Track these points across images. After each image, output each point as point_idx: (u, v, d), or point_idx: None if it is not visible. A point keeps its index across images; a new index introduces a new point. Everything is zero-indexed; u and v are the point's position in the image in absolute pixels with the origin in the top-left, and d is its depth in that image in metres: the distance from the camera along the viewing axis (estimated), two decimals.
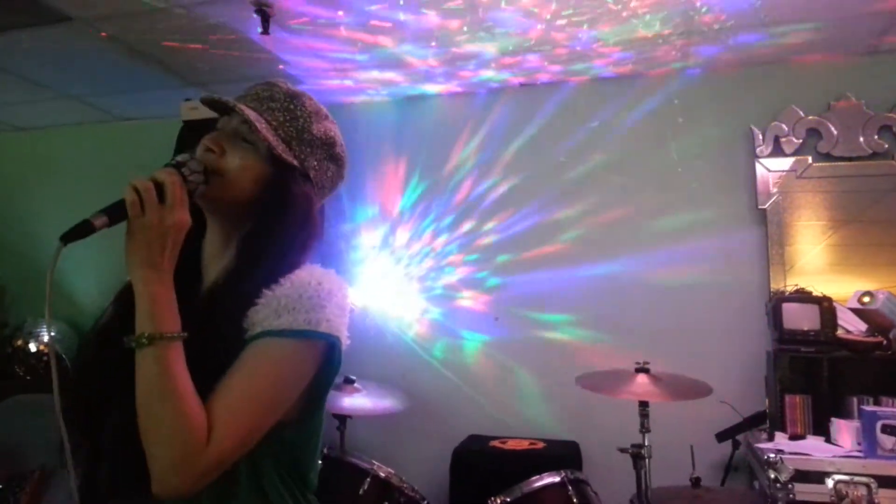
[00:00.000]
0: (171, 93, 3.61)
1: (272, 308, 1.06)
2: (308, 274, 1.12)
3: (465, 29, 2.99)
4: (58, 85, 3.71)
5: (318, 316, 1.07)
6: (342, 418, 3.00)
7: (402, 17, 2.87)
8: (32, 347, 3.84)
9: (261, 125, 1.13)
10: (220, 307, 1.09)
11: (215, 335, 1.06)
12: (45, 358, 3.71)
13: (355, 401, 2.98)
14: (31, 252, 3.87)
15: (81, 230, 1.00)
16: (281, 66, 3.45)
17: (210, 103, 1.19)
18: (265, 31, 2.84)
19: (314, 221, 1.21)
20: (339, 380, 3.07)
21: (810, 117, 3.23)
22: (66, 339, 3.69)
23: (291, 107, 1.19)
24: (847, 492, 2.32)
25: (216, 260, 1.17)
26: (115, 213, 1.01)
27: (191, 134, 3.28)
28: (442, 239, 3.75)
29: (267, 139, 1.13)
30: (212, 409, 1.00)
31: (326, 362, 1.11)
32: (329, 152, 1.24)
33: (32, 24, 2.98)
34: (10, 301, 4.40)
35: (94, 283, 3.89)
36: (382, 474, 2.44)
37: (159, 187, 1.03)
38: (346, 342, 1.14)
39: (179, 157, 1.10)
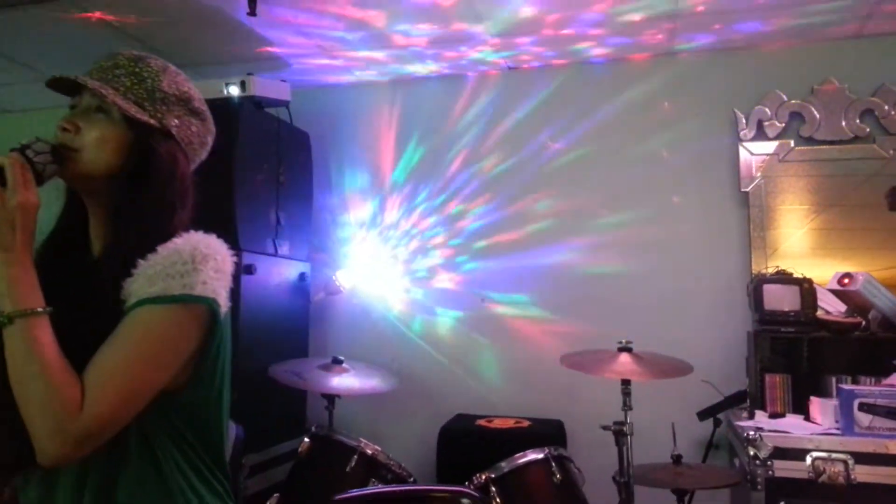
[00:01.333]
0: None
1: (147, 276, 1.07)
2: (184, 241, 1.12)
3: (455, 8, 2.99)
4: (40, 66, 3.68)
5: (192, 280, 1.08)
6: (331, 398, 3.03)
7: None
8: None
9: (107, 91, 1.14)
10: (96, 281, 1.10)
11: (91, 308, 1.07)
12: None
13: (343, 380, 3.01)
14: None
15: None
16: (268, 47, 3.44)
17: (56, 84, 1.18)
18: (252, 13, 2.84)
19: (185, 181, 1.21)
20: (326, 360, 3.11)
21: (793, 101, 3.26)
22: None
23: (137, 69, 1.19)
24: (825, 468, 2.38)
25: (99, 237, 1.19)
26: None
27: None
28: (428, 221, 3.76)
29: (116, 103, 1.13)
30: (85, 377, 1.01)
31: (208, 326, 1.12)
32: (188, 107, 1.23)
33: (15, 4, 2.95)
34: None
35: None
36: (369, 451, 2.48)
37: (1, 171, 1.03)
38: (225, 305, 1.14)
39: (24, 141, 1.11)
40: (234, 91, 3.20)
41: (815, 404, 2.66)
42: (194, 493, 1.13)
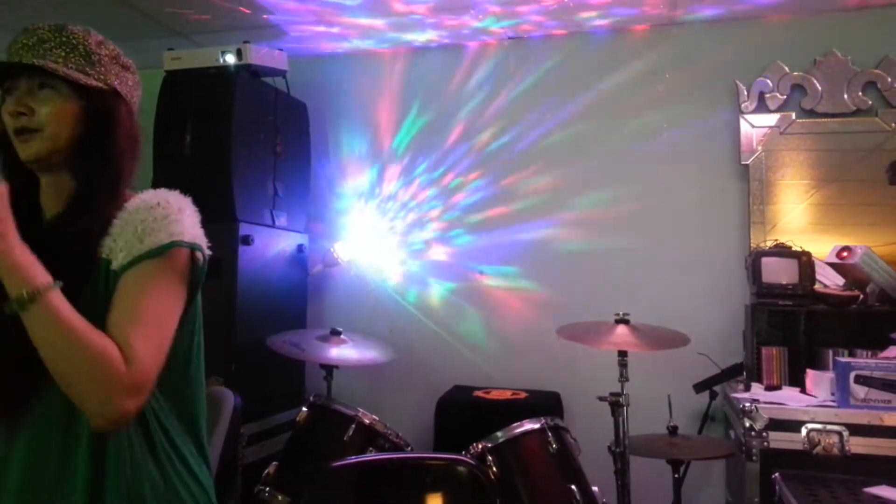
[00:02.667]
0: (154, 42, 3.54)
1: (131, 234, 1.11)
2: (153, 195, 1.17)
3: None
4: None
5: (178, 228, 1.13)
6: (329, 368, 3.04)
7: None
8: None
9: (56, 66, 1.14)
10: (69, 240, 1.11)
11: (69, 267, 1.07)
12: None
13: (342, 352, 3.01)
14: None
15: None
16: (265, 15, 3.40)
17: None
18: None
19: (137, 135, 1.25)
20: (325, 331, 3.11)
21: (795, 73, 3.23)
22: None
23: (64, 39, 1.19)
24: (820, 439, 2.39)
25: (53, 207, 1.19)
26: None
27: (173, 84, 3.24)
28: (425, 194, 3.75)
29: (69, 75, 1.14)
30: (117, 335, 1.03)
31: (192, 270, 1.17)
32: (119, 63, 1.25)
33: None
34: None
35: None
36: (367, 420, 2.49)
37: None
38: (207, 252, 1.20)
39: None
40: (231, 60, 3.17)
41: (812, 377, 2.67)
42: (178, 456, 1.15)
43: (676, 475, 2.56)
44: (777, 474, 2.28)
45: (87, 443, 1.07)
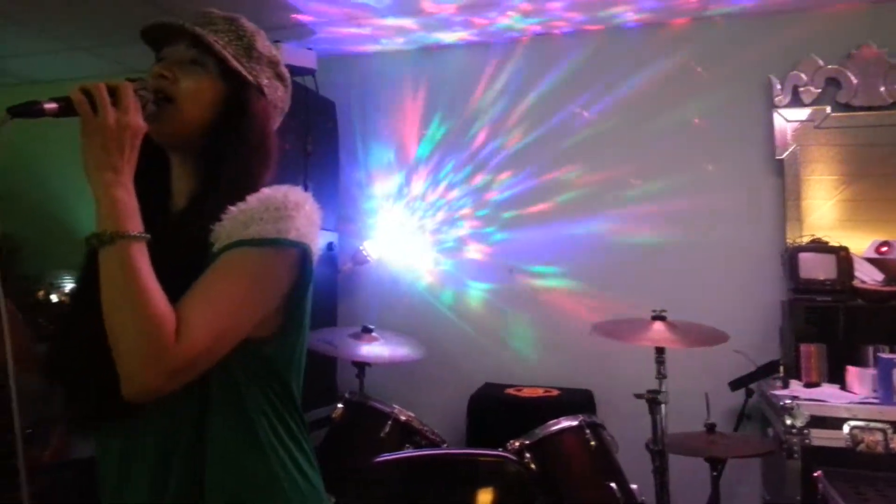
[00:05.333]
0: None
1: (239, 221, 1.06)
2: (273, 190, 1.12)
3: None
4: (68, 36, 3.68)
5: (287, 225, 1.07)
6: (361, 366, 3.04)
7: None
8: (54, 298, 3.88)
9: (216, 39, 1.14)
10: (185, 226, 1.09)
11: (179, 252, 1.06)
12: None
13: (373, 349, 3.02)
14: (47, 205, 3.87)
15: (29, 109, 0.99)
16: (294, 14, 3.41)
17: (154, 30, 1.17)
18: None
19: (273, 138, 1.22)
20: (357, 329, 3.11)
21: (830, 66, 3.19)
22: None
23: (233, 28, 1.19)
24: (863, 437, 2.36)
25: (183, 193, 1.17)
26: (68, 104, 1.00)
27: None
28: (455, 192, 3.75)
29: (222, 54, 1.13)
30: (181, 309, 0.99)
31: (300, 272, 1.11)
32: (275, 71, 1.24)
33: None
34: (30, 254, 4.44)
35: None
36: (403, 417, 2.49)
37: (111, 91, 1.01)
38: (317, 253, 1.14)
39: (131, 76, 1.10)
40: None
41: (852, 373, 2.63)
42: (284, 449, 1.12)
43: (715, 473, 2.53)
44: (820, 472, 2.25)
45: (188, 435, 1.05)
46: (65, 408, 1.11)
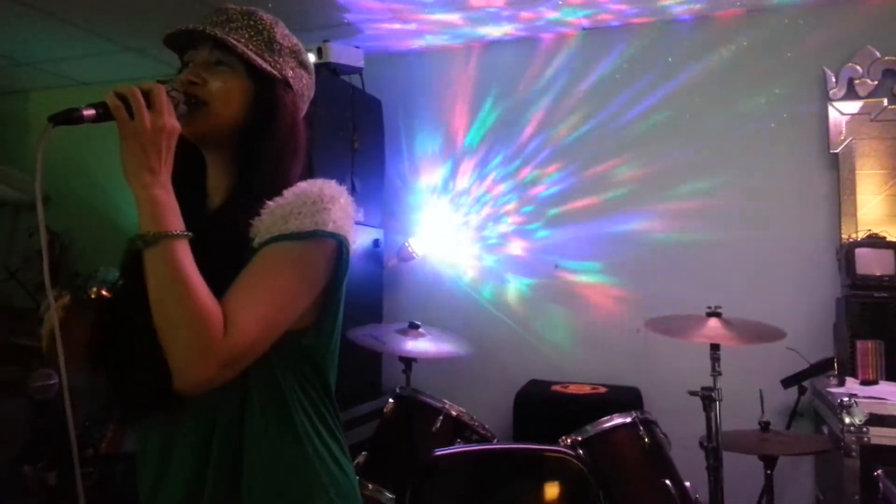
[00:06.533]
0: None
1: (278, 216, 1.09)
2: (309, 184, 1.15)
3: None
4: (118, 38, 3.76)
5: (324, 217, 1.10)
6: (408, 361, 3.06)
7: None
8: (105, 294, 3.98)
9: (238, 43, 1.15)
10: (224, 223, 1.12)
11: (220, 249, 1.08)
12: None
13: (419, 345, 3.03)
14: (96, 203, 3.95)
15: (69, 116, 1.00)
16: (341, 13, 3.44)
17: (176, 37, 1.19)
18: None
19: (302, 129, 1.25)
20: (403, 325, 3.13)
21: (887, 58, 3.11)
22: None
23: (251, 22, 1.20)
24: None
25: (219, 191, 1.20)
26: (105, 110, 1.02)
27: None
28: (501, 188, 3.75)
29: (247, 55, 1.15)
30: (227, 303, 1.02)
31: (336, 263, 1.14)
32: (298, 59, 1.26)
33: None
34: (79, 251, 4.55)
35: None
36: (454, 413, 2.50)
37: (145, 94, 1.03)
38: (353, 244, 1.18)
39: (161, 78, 1.12)
40: (312, 58, 3.19)
41: None
42: (320, 439, 1.14)
43: (769, 471, 2.49)
44: (880, 471, 2.21)
45: (227, 426, 1.08)
46: (111, 401, 1.14)
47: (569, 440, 2.33)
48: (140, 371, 1.06)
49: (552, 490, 2.03)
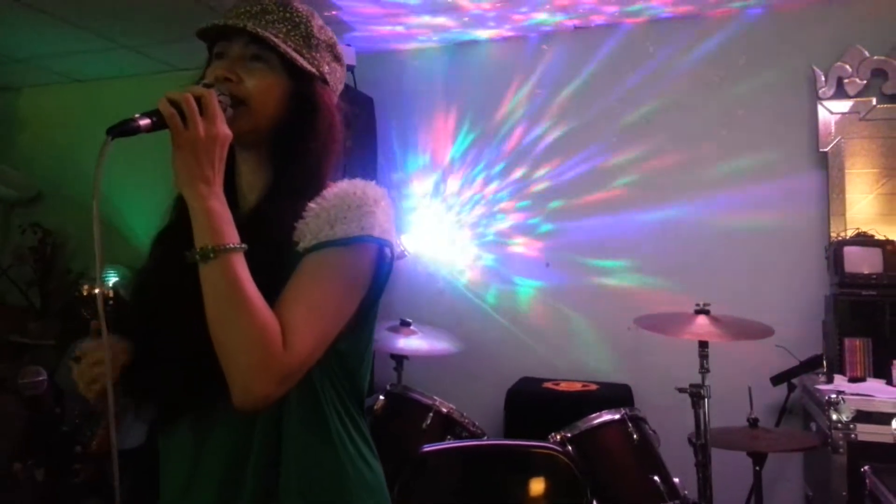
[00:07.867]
0: None
1: (323, 220, 1.06)
2: (350, 185, 1.12)
3: None
4: (113, 35, 3.76)
5: (370, 221, 1.07)
6: (399, 359, 3.07)
7: None
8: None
9: (278, 40, 1.10)
10: (267, 225, 1.08)
11: (265, 252, 1.04)
12: (110, 302, 3.82)
13: (411, 342, 3.04)
14: (90, 201, 3.91)
15: (126, 128, 0.97)
16: (334, 12, 3.44)
17: (208, 31, 1.14)
18: None
19: (339, 127, 1.20)
20: (395, 322, 3.14)
21: (876, 57, 3.13)
22: (127, 282, 3.79)
23: (288, 15, 1.14)
24: None
25: (254, 189, 1.16)
26: (159, 119, 0.99)
27: None
28: (493, 186, 3.76)
29: (287, 52, 1.10)
30: (282, 315, 0.99)
31: (380, 267, 1.11)
32: (333, 53, 1.21)
33: None
34: (75, 249, 4.55)
35: (152, 228, 3.98)
36: (444, 409, 2.51)
37: (197, 100, 0.99)
38: (397, 248, 1.15)
39: (206, 81, 1.08)
40: None
41: None
42: (351, 441, 1.13)
43: (758, 468, 2.50)
44: (867, 467, 2.23)
45: (265, 431, 1.06)
46: (142, 401, 1.12)
47: (558, 436, 2.34)
48: (176, 372, 1.04)
49: (540, 486, 2.05)
